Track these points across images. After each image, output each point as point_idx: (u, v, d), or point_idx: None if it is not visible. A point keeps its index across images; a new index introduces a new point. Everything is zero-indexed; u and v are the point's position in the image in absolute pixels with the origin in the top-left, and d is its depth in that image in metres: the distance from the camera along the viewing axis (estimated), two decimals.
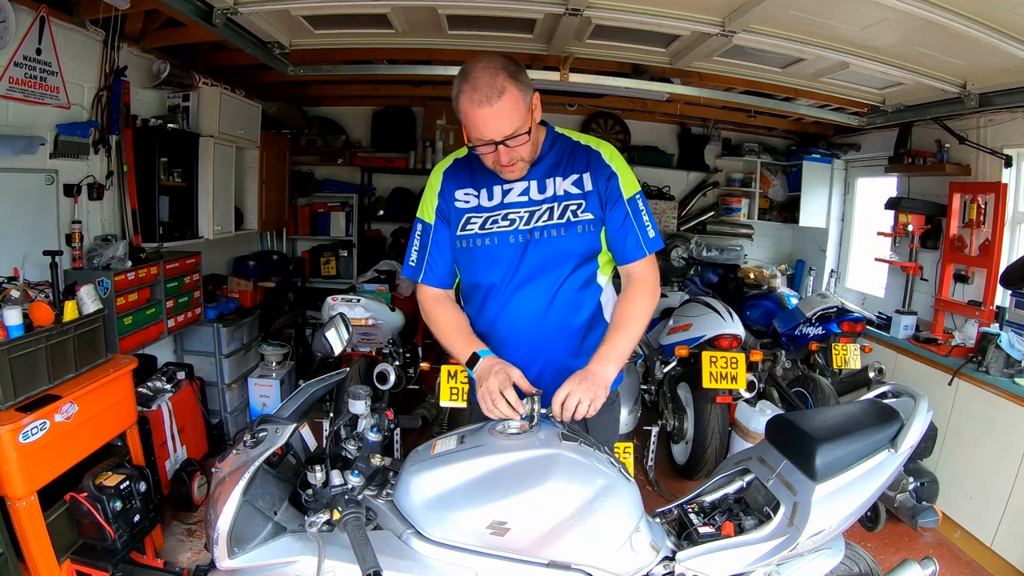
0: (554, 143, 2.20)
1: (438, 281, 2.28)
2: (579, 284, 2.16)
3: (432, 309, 2.27)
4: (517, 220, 2.13)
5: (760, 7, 3.32)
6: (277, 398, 5.15)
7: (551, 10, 3.66)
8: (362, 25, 4.16)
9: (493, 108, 1.89)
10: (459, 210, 2.20)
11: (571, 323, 2.18)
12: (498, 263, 2.15)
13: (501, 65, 1.92)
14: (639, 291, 2.15)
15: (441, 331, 2.23)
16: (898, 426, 2.14)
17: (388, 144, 7.48)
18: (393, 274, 6.46)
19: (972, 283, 4.83)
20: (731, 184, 7.82)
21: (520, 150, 2.01)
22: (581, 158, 2.17)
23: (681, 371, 4.96)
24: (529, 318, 2.15)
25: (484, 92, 1.88)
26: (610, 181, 2.13)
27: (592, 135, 2.28)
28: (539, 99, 2.04)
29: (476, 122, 1.94)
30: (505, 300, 2.16)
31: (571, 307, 2.17)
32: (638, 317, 2.11)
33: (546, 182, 2.15)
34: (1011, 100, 4.13)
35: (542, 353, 2.18)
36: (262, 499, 1.75)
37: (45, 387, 2.86)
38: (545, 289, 2.13)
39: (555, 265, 2.12)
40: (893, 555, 3.85)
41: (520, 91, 1.93)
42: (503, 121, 1.92)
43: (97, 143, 3.88)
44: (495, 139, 1.95)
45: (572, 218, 2.11)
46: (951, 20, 3.17)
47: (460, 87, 1.93)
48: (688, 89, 5.15)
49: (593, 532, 1.73)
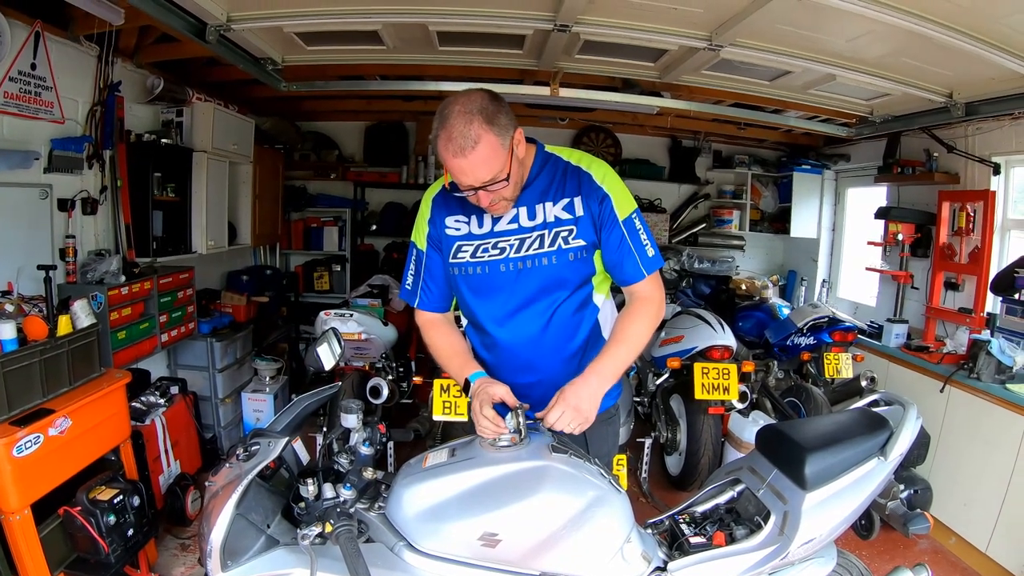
0: (544, 165, 2.14)
1: (434, 306, 2.28)
2: (574, 308, 2.14)
3: (428, 333, 2.28)
4: (507, 248, 2.10)
5: (746, 21, 3.36)
6: (270, 412, 5.14)
7: (540, 26, 3.69)
8: (354, 42, 4.20)
9: (468, 159, 1.85)
10: (450, 238, 2.18)
11: (568, 346, 2.17)
12: (490, 292, 2.14)
13: (477, 108, 1.84)
14: (640, 309, 2.12)
15: (438, 354, 2.24)
16: (887, 434, 2.14)
17: (381, 159, 7.50)
18: (386, 288, 6.46)
19: (963, 290, 4.85)
20: (722, 196, 7.84)
21: (501, 192, 1.97)
22: (572, 181, 2.11)
23: (674, 383, 4.97)
24: (525, 344, 2.15)
25: (458, 142, 1.83)
26: (603, 204, 2.07)
27: (583, 150, 2.24)
28: (522, 134, 1.98)
29: (453, 170, 1.91)
30: (500, 327, 2.15)
31: (567, 330, 2.15)
32: (637, 336, 2.08)
33: (536, 208, 2.10)
34: (997, 108, 4.18)
35: (541, 376, 2.16)
36: (255, 512, 1.76)
37: (39, 401, 2.85)
38: (539, 315, 2.11)
39: (548, 292, 2.10)
40: (888, 563, 3.85)
41: (497, 136, 1.86)
42: (479, 170, 1.87)
43: (91, 158, 3.89)
44: (473, 185, 1.91)
45: (563, 245, 2.07)
46: (936, 31, 3.21)
47: (437, 131, 1.88)
48: (678, 103, 5.18)
49: (584, 543, 1.74)
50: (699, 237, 7.86)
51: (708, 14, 3.48)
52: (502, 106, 1.91)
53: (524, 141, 2.02)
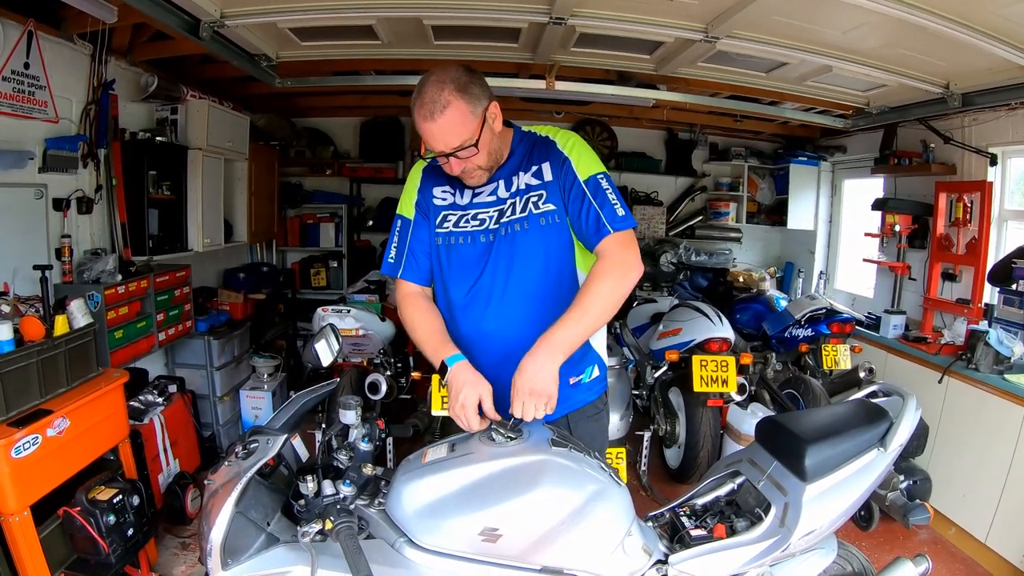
0: (520, 141, 2.20)
1: (419, 276, 2.25)
2: (552, 280, 2.10)
3: (407, 307, 2.23)
4: (487, 220, 2.14)
5: (742, 13, 3.36)
6: (269, 410, 5.14)
7: (535, 19, 3.69)
8: (348, 37, 4.19)
9: (436, 123, 1.91)
10: (437, 207, 2.22)
11: (548, 323, 1.93)
12: (469, 264, 2.13)
13: (451, 78, 1.92)
14: (603, 270, 1.95)
15: (414, 332, 2.18)
16: (887, 425, 2.14)
17: (376, 154, 7.50)
18: (383, 284, 6.44)
19: (960, 281, 4.87)
20: (719, 188, 7.86)
21: (472, 160, 2.01)
22: (541, 149, 2.15)
23: (672, 376, 4.96)
24: (504, 320, 2.10)
25: (428, 107, 1.90)
26: (563, 165, 2.08)
27: (561, 128, 2.23)
28: (497, 108, 2.03)
29: (424, 134, 1.97)
30: (479, 302, 2.12)
31: (546, 306, 2.07)
32: (597, 299, 1.91)
33: (512, 179, 2.15)
34: (994, 99, 4.19)
35: (519, 356, 1.90)
36: (255, 510, 1.75)
37: (36, 402, 2.85)
38: (518, 288, 2.08)
39: (524, 262, 2.08)
40: (888, 554, 3.86)
41: (468, 103, 1.92)
42: (448, 135, 1.93)
43: (86, 157, 3.87)
44: (443, 151, 1.97)
45: (534, 210, 2.08)
46: (932, 22, 3.20)
47: (413, 100, 1.95)
48: (674, 95, 5.19)
49: (585, 537, 1.73)
50: (696, 230, 7.87)
51: (704, 6, 3.47)
52: (476, 77, 1.98)
53: (500, 116, 2.06)
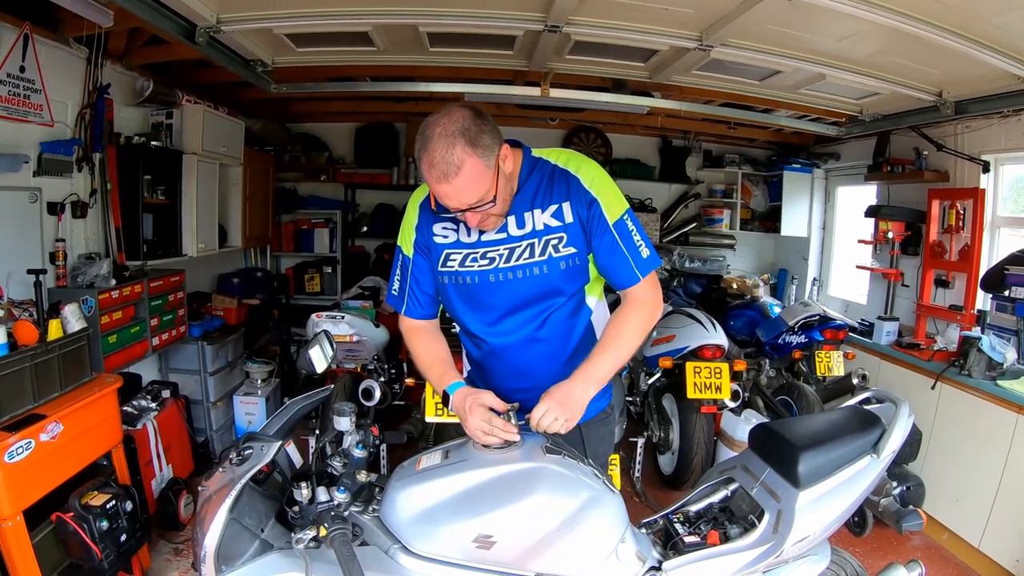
0: (532, 170, 2.07)
1: (420, 313, 2.24)
2: (566, 314, 2.10)
3: (411, 339, 2.26)
4: (497, 258, 2.04)
5: (736, 21, 3.36)
6: (262, 416, 5.12)
7: (531, 27, 3.69)
8: (344, 43, 4.18)
9: (452, 185, 1.78)
10: (438, 245, 2.13)
11: (562, 352, 2.13)
12: (480, 301, 2.10)
13: (459, 130, 1.76)
14: (632, 311, 2.05)
15: (419, 362, 2.21)
16: (880, 431, 2.16)
17: (371, 160, 7.48)
18: (377, 290, 6.44)
19: (953, 288, 4.89)
20: (713, 195, 7.87)
21: (489, 211, 1.91)
22: (560, 185, 2.03)
23: (666, 382, 4.98)
24: (518, 350, 2.11)
25: (441, 168, 1.76)
26: (591, 208, 2.00)
27: (573, 150, 2.16)
28: (507, 149, 1.91)
29: (438, 194, 1.86)
30: (492, 334, 2.12)
31: (560, 336, 2.11)
32: (628, 338, 2.01)
33: (524, 216, 2.04)
34: (986, 107, 4.21)
35: (534, 382, 2.06)
36: (249, 516, 1.76)
37: (30, 406, 2.84)
38: (531, 321, 2.07)
39: (540, 300, 2.06)
40: (881, 560, 3.87)
41: (482, 157, 1.79)
42: (464, 194, 1.82)
43: (81, 161, 3.86)
44: (460, 208, 1.86)
45: (554, 253, 2.01)
46: (925, 31, 3.22)
47: (419, 154, 1.81)
48: (668, 102, 5.21)
49: (579, 544, 1.74)
50: (690, 236, 7.87)
51: (698, 14, 3.48)
52: (485, 124, 1.83)
53: (511, 155, 1.95)
